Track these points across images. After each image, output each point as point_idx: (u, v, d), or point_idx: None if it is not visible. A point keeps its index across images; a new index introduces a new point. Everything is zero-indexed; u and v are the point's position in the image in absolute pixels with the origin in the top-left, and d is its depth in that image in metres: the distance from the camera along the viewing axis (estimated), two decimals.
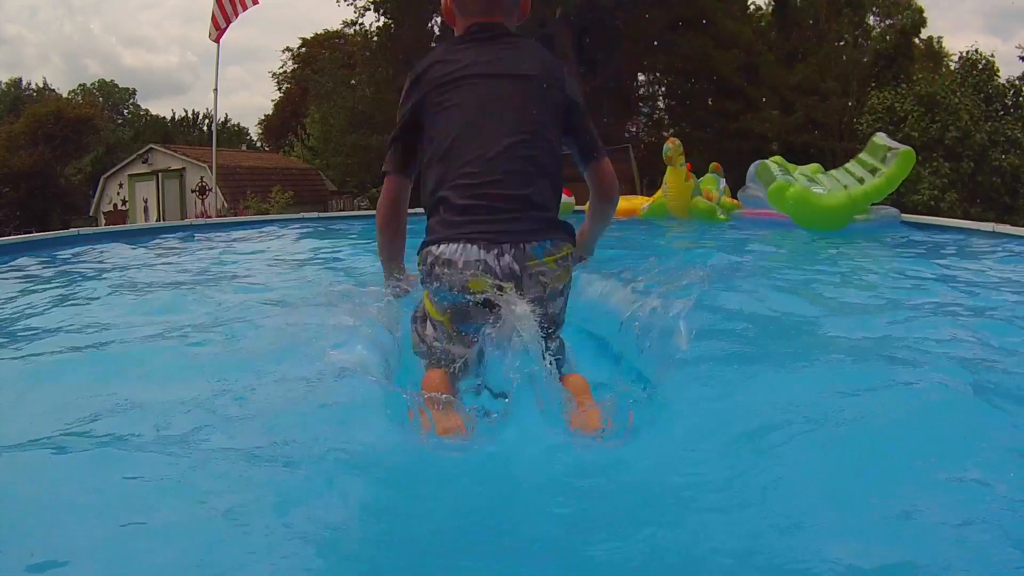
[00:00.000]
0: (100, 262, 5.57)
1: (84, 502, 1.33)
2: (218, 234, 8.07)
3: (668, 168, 8.73)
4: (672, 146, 8.68)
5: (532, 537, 1.23)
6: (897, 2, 19.81)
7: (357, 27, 20.38)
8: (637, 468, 1.40)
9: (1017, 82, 17.98)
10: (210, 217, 15.87)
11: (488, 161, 1.59)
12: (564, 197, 6.59)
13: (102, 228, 10.86)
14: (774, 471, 1.37)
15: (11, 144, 23.77)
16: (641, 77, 22.54)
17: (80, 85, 42.63)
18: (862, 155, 7.82)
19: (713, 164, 9.74)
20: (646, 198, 10.00)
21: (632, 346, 2.09)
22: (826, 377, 1.88)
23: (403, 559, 1.19)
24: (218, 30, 13.26)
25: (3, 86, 40.55)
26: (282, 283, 4.09)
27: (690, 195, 8.70)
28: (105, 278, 4.48)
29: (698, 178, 9.24)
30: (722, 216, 8.52)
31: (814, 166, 8.33)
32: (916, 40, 19.96)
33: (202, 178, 19.49)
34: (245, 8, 13.21)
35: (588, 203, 1.98)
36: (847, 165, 7.93)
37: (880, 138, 7.84)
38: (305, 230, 8.49)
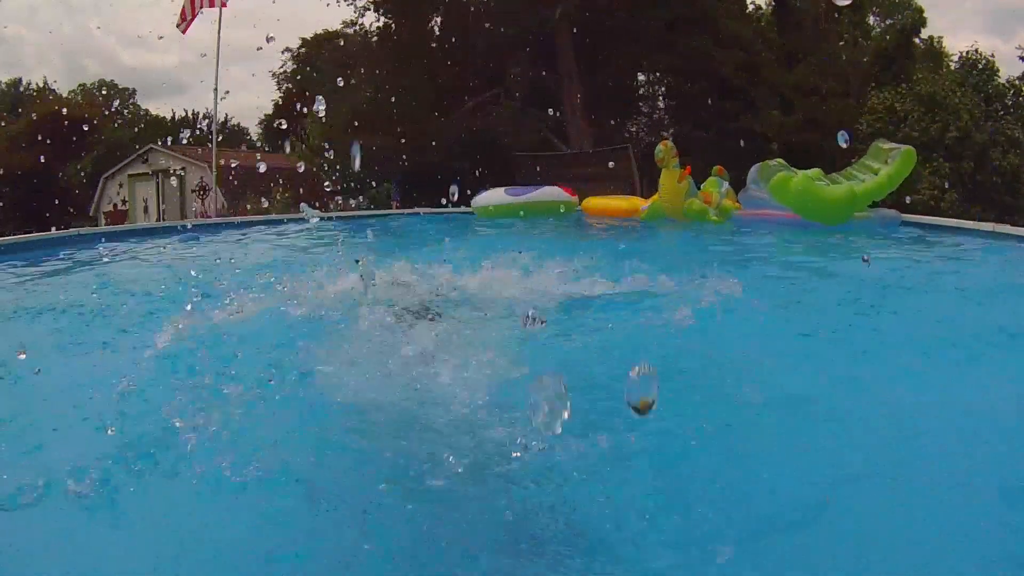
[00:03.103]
0: (98, 262, 5.57)
1: None
2: (219, 233, 8.06)
3: (663, 170, 8.75)
4: (664, 148, 8.70)
5: None
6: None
7: (357, 27, 20.36)
8: None
9: (1017, 82, 17.98)
10: (210, 217, 15.87)
11: None
12: (566, 196, 6.73)
13: (102, 228, 10.85)
14: None
15: (11, 144, 23.74)
16: (641, 77, 22.52)
17: (80, 85, 42.60)
18: (864, 159, 7.85)
19: (716, 167, 9.73)
20: (643, 200, 10.01)
21: None
22: None
23: None
24: (184, 21, 13.68)
25: (3, 86, 40.50)
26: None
27: (683, 197, 8.70)
28: (102, 277, 4.47)
29: (701, 181, 9.25)
30: (714, 217, 8.51)
31: (815, 172, 8.33)
32: (916, 40, 19.94)
33: (202, 178, 19.48)
34: (212, 5, 13.57)
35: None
36: (849, 169, 7.96)
37: (882, 143, 7.90)
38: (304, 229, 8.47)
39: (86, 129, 25.40)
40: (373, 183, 20.71)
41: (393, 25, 19.28)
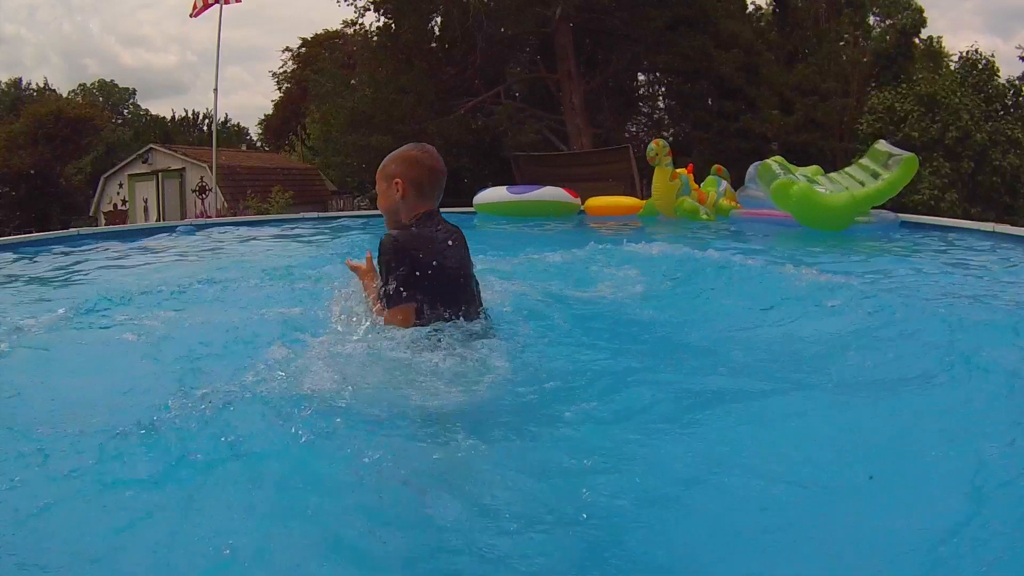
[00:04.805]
0: (97, 262, 5.57)
1: None
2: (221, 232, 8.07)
3: (655, 168, 8.80)
4: (656, 146, 8.74)
5: None
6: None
7: (357, 27, 20.36)
8: None
9: (1017, 82, 17.98)
10: (210, 217, 15.88)
11: None
12: (568, 198, 6.78)
13: (102, 228, 10.86)
14: None
15: (11, 144, 23.72)
16: (641, 77, 22.52)
17: (80, 85, 42.58)
18: (863, 160, 7.83)
19: (715, 166, 9.76)
20: (643, 201, 10.05)
21: None
22: None
23: None
24: (195, 9, 13.90)
25: (3, 86, 40.47)
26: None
27: (675, 195, 8.74)
28: (101, 277, 4.47)
29: (701, 181, 9.27)
30: (705, 216, 8.56)
31: (814, 168, 8.33)
32: (916, 40, 19.93)
33: (202, 178, 19.46)
34: (228, 1, 13.76)
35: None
36: (847, 169, 7.94)
37: (882, 145, 7.88)
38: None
39: (86, 129, 25.43)
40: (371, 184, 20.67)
41: (393, 25, 19.27)
